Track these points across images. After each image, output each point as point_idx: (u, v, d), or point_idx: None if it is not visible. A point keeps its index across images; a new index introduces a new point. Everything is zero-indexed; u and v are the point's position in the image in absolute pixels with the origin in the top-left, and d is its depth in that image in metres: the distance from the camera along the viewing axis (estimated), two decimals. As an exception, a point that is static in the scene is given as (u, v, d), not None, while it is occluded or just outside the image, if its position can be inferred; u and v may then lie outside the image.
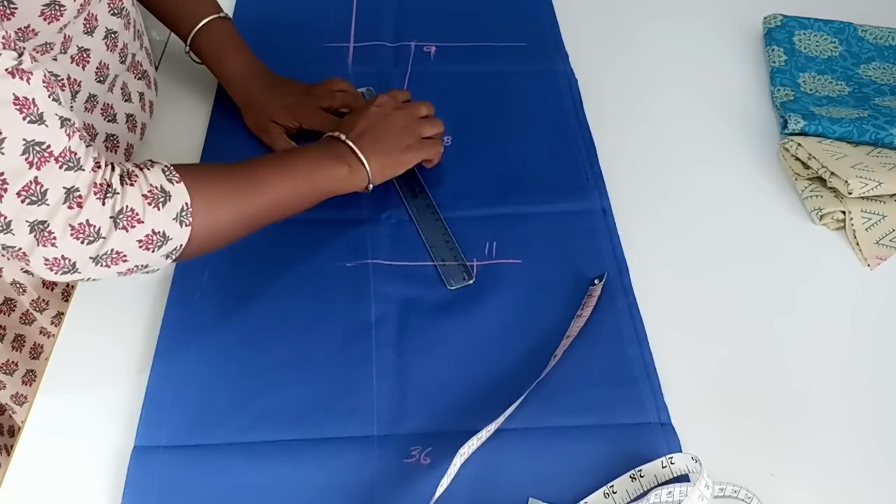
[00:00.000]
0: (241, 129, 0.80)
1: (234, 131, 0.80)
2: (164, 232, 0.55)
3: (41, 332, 0.81)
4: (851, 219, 0.73)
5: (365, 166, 0.67)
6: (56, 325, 0.80)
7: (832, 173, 0.73)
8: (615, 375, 0.62)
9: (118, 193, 0.53)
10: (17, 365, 0.81)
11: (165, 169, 0.57)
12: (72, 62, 0.64)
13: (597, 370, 0.62)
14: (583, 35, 0.92)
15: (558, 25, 0.93)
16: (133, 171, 0.55)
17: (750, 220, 0.75)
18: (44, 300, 0.78)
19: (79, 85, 0.66)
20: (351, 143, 0.67)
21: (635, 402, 0.60)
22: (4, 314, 0.77)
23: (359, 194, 0.70)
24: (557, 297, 0.66)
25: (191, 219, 0.56)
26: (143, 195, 0.54)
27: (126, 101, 0.73)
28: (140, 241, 0.54)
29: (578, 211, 0.73)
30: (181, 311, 0.65)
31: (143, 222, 0.53)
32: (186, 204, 0.56)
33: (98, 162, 0.53)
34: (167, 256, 0.57)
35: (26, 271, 0.75)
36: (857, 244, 0.72)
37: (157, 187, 0.55)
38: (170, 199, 0.55)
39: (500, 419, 0.57)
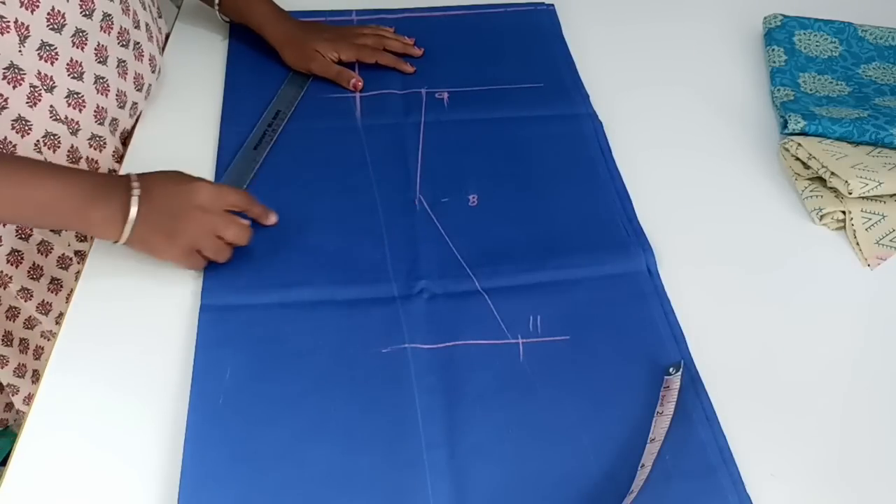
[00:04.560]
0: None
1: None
2: None
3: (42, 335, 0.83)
4: (851, 219, 0.73)
5: (123, 226, 0.61)
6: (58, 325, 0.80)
7: (832, 173, 0.73)
8: (690, 464, 0.55)
9: None
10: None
11: None
12: None
13: (669, 458, 0.55)
14: (586, 55, 0.91)
15: (574, 62, 0.89)
16: None
17: (750, 220, 0.75)
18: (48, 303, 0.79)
19: (63, 18, 0.66)
20: (135, 196, 0.61)
21: (717, 497, 0.54)
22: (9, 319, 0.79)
23: (386, 266, 0.67)
24: (614, 379, 0.61)
25: None
26: None
27: (122, 46, 0.74)
28: None
29: (623, 273, 0.68)
30: (204, 419, 0.57)
31: None
32: None
33: None
34: None
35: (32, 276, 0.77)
36: (857, 244, 0.72)
37: None
38: None
39: None
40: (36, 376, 0.86)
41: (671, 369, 0.61)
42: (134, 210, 0.61)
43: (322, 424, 0.58)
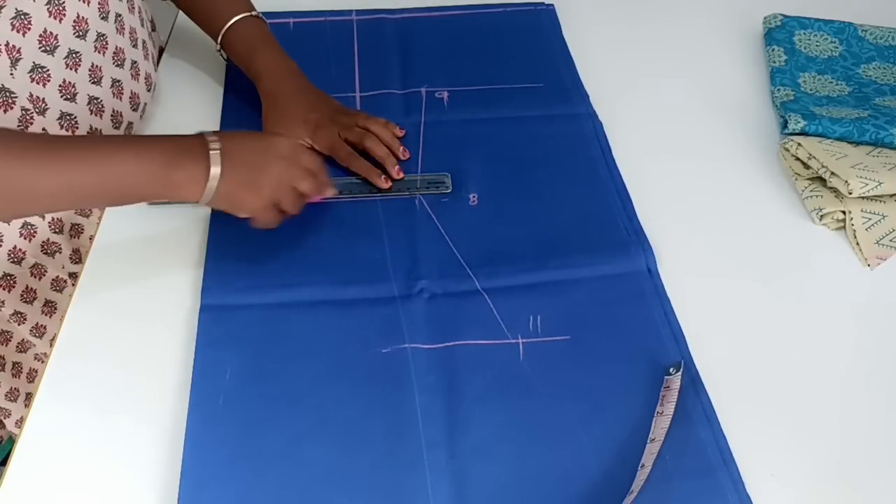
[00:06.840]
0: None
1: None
2: None
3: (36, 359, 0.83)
4: (851, 219, 0.73)
5: (206, 184, 0.59)
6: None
7: (832, 173, 0.73)
8: (690, 464, 0.56)
9: None
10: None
11: None
12: (48, 15, 0.63)
13: (669, 458, 0.56)
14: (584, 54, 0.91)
15: (574, 62, 0.89)
16: None
17: (750, 220, 0.75)
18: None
19: (56, 39, 0.65)
20: (213, 152, 0.59)
21: (717, 496, 0.54)
22: (2, 344, 0.78)
23: (385, 266, 0.67)
24: (614, 378, 0.61)
25: None
26: None
27: (117, 66, 0.72)
28: None
29: (623, 273, 0.68)
30: (204, 419, 0.57)
31: None
32: None
33: None
34: None
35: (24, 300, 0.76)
36: (857, 244, 0.72)
37: None
38: None
39: None
40: (28, 400, 0.85)
41: (671, 369, 0.61)
42: (216, 168, 0.59)
43: (322, 424, 0.58)
